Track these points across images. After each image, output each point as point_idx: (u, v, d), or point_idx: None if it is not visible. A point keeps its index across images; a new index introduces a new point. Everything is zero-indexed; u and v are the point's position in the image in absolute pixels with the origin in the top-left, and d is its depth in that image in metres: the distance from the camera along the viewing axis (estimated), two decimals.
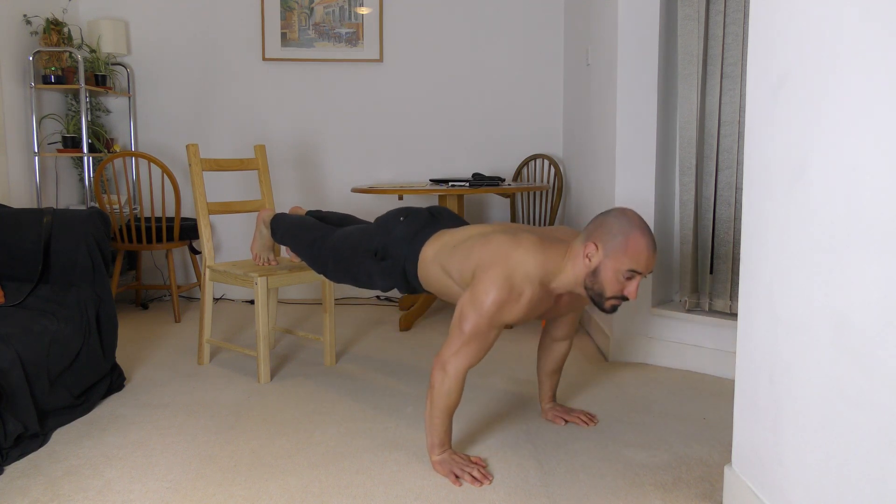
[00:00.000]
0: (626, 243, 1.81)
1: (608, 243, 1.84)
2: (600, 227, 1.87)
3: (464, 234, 2.12)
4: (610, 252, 1.83)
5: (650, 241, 1.83)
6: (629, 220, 1.84)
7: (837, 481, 1.30)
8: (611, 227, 1.84)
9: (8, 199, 3.59)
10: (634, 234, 1.82)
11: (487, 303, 1.87)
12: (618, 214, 1.87)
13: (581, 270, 1.89)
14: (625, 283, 1.84)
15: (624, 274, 1.83)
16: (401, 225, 2.24)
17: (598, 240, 1.85)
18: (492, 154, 4.47)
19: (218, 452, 2.12)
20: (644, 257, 1.82)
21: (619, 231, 1.83)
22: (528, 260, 1.89)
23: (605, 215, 1.89)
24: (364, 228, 2.38)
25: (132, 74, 4.29)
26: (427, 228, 2.22)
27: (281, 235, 2.69)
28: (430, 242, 2.17)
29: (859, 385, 1.22)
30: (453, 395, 1.93)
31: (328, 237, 2.46)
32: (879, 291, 1.16)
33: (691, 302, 2.93)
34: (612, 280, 1.84)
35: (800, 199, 1.41)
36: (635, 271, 1.83)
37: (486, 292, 1.87)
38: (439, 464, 1.97)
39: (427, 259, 2.15)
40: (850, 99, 1.23)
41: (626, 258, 1.82)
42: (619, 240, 1.82)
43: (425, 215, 2.28)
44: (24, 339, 2.16)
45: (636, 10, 2.92)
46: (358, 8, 4.31)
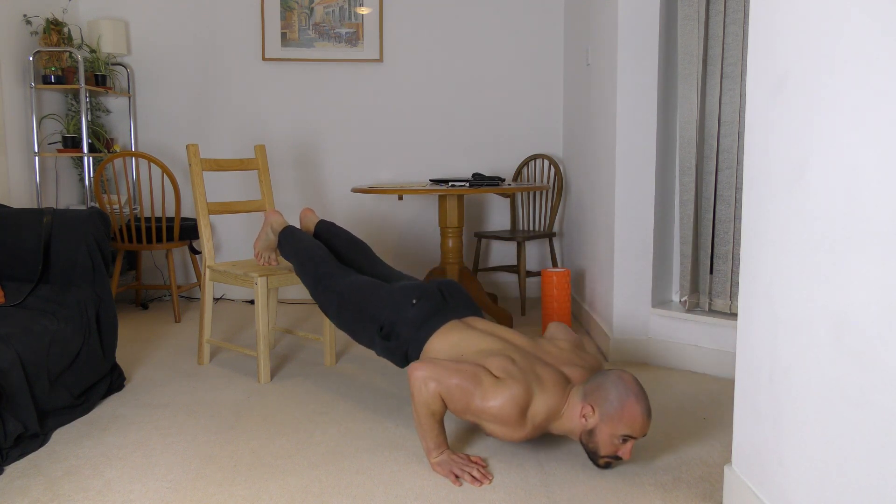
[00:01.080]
0: (622, 410, 1.87)
1: (604, 408, 1.89)
2: (598, 391, 1.92)
3: (474, 343, 2.13)
4: (605, 417, 1.89)
5: (645, 407, 1.89)
6: (626, 386, 1.90)
7: (837, 481, 1.30)
8: (608, 393, 1.90)
9: (8, 199, 3.59)
10: (630, 400, 1.88)
11: (491, 403, 1.91)
12: (615, 380, 1.92)
13: (577, 427, 1.96)
14: (619, 445, 1.90)
15: (619, 438, 1.89)
16: (412, 309, 2.25)
17: (595, 403, 1.91)
18: (492, 154, 4.47)
19: (218, 452, 2.12)
20: (638, 424, 1.88)
21: (616, 397, 1.89)
22: (542, 410, 1.95)
23: (604, 378, 1.94)
24: (375, 289, 2.37)
25: (132, 74, 4.29)
26: (437, 316, 2.24)
27: (287, 255, 2.69)
28: (437, 336, 2.19)
29: (859, 385, 1.22)
30: (432, 405, 1.96)
31: (337, 282, 2.45)
32: (879, 291, 1.16)
33: (691, 302, 2.93)
34: (607, 442, 1.90)
35: (800, 198, 1.41)
36: (629, 436, 1.89)
37: (495, 400, 1.91)
38: (439, 465, 1.97)
39: (432, 353, 2.18)
40: (850, 99, 1.23)
41: (621, 424, 1.88)
42: (615, 406, 1.88)
43: (437, 299, 2.29)
44: (24, 339, 2.16)
45: (636, 10, 2.92)
46: (358, 8, 4.31)
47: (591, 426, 1.91)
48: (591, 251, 3.56)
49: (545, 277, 3.38)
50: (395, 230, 4.50)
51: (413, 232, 4.51)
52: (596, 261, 3.44)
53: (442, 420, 1.99)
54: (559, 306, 3.36)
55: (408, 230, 4.51)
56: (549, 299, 3.38)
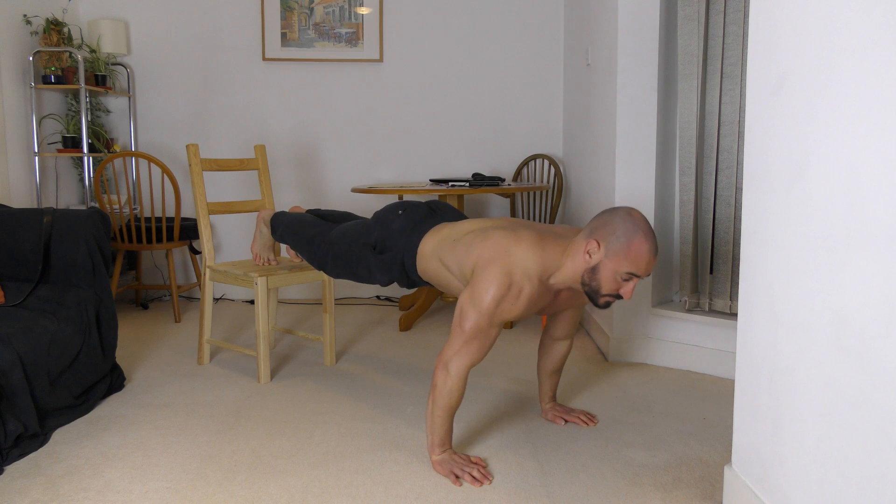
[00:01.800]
0: (629, 246, 1.81)
1: (610, 243, 1.84)
2: (604, 226, 1.86)
3: (463, 228, 2.12)
4: (611, 252, 1.83)
5: (652, 245, 1.83)
6: (634, 222, 1.84)
7: (837, 481, 1.30)
8: (615, 228, 1.84)
9: (8, 199, 3.59)
10: (638, 237, 1.82)
11: (487, 300, 1.87)
12: (623, 215, 1.86)
13: (580, 266, 1.89)
14: (622, 283, 1.85)
15: (622, 275, 1.84)
16: (399, 219, 2.24)
17: (601, 238, 1.85)
18: (492, 154, 4.47)
19: (218, 452, 2.12)
20: (644, 262, 1.82)
21: (623, 233, 1.83)
22: (528, 256, 1.90)
23: (611, 214, 1.88)
24: (363, 223, 2.38)
25: (132, 74, 4.29)
26: (426, 222, 2.22)
27: (281, 233, 2.69)
28: (428, 236, 2.17)
29: (859, 385, 1.22)
30: (455, 394, 1.93)
31: (327, 233, 2.46)
32: (879, 291, 1.16)
33: (691, 302, 2.93)
34: (610, 279, 1.85)
35: (800, 198, 1.41)
36: (634, 274, 1.83)
37: (485, 290, 1.87)
38: (439, 464, 1.97)
39: (426, 252, 2.15)
40: (850, 98, 1.23)
41: (626, 261, 1.82)
42: (621, 242, 1.82)
43: (424, 209, 2.28)
44: (24, 339, 2.16)
45: (636, 10, 2.92)
46: (358, 8, 4.31)
47: (595, 262, 1.85)
48: None
49: None
50: None
51: None
52: None
53: (453, 416, 1.98)
54: None
55: None
56: None
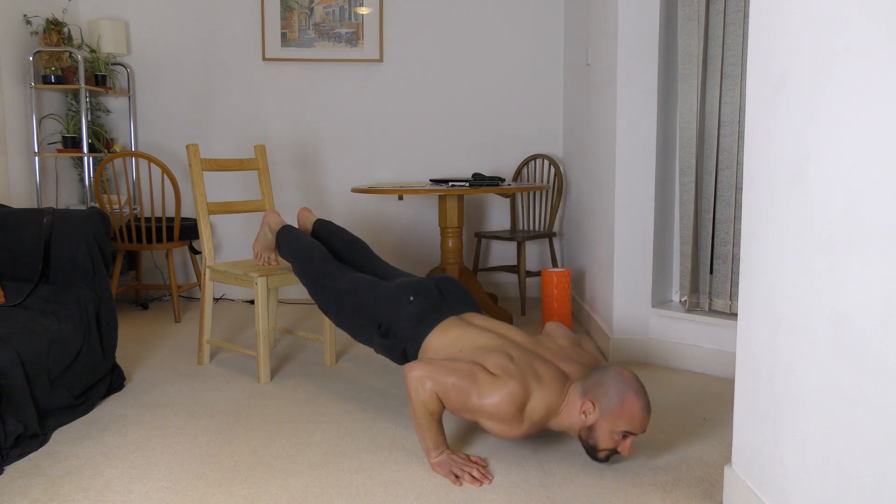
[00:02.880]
0: (622, 407, 1.87)
1: (604, 405, 1.89)
2: (597, 387, 1.92)
3: (471, 340, 2.12)
4: (605, 413, 1.89)
5: (645, 404, 1.89)
6: (626, 382, 1.90)
7: (837, 481, 1.30)
8: (608, 389, 1.90)
9: (8, 199, 3.59)
10: (630, 398, 1.88)
11: (489, 400, 1.90)
12: (615, 376, 1.92)
13: (577, 423, 1.95)
14: (619, 440, 1.90)
15: (618, 434, 1.89)
16: (409, 306, 2.25)
17: (595, 399, 1.91)
18: (492, 154, 4.47)
19: (218, 452, 2.12)
20: (638, 420, 1.88)
21: (616, 394, 1.88)
22: (541, 407, 1.94)
23: (603, 374, 1.94)
24: (372, 288, 2.37)
25: (132, 74, 4.29)
26: (435, 313, 2.24)
27: (285, 254, 2.68)
28: (435, 333, 2.19)
29: (859, 385, 1.22)
30: (430, 405, 1.95)
31: (334, 282, 2.45)
32: (879, 291, 1.16)
33: (691, 302, 2.93)
34: (607, 438, 1.91)
35: (800, 198, 1.41)
36: (629, 432, 1.89)
37: (491, 397, 1.90)
38: (439, 465, 1.97)
39: (429, 350, 2.18)
40: (850, 98, 1.23)
41: (621, 421, 1.88)
42: (614, 402, 1.88)
43: (434, 296, 2.28)
44: (24, 339, 2.16)
45: (636, 10, 2.92)
46: (358, 8, 4.31)
47: (591, 422, 1.91)
48: (591, 251, 3.56)
49: (545, 277, 3.38)
50: (395, 230, 4.50)
51: (413, 232, 4.51)
52: (596, 261, 3.44)
53: (440, 420, 1.99)
54: (559, 306, 3.36)
55: (408, 230, 4.51)
56: (549, 299, 3.38)
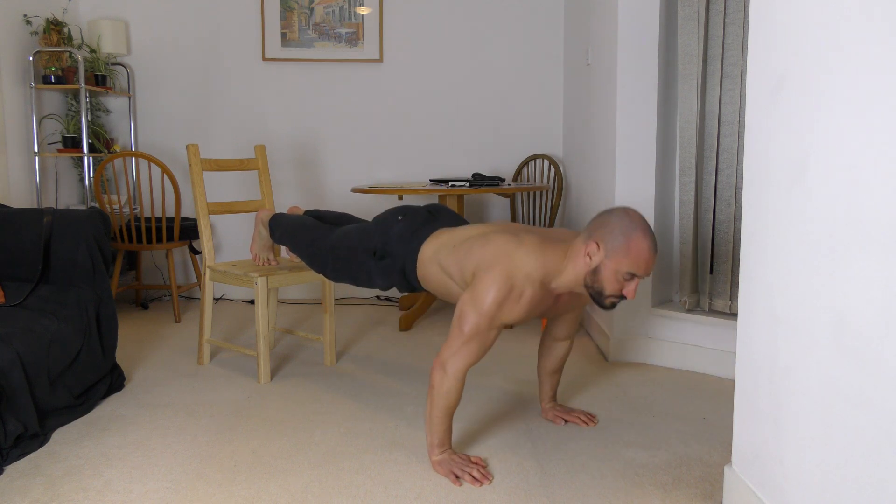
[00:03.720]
0: (628, 245, 1.82)
1: (609, 244, 1.84)
2: (603, 227, 1.87)
3: (463, 233, 2.12)
4: (611, 252, 1.84)
5: (651, 243, 1.83)
6: (632, 221, 1.84)
7: (837, 481, 1.30)
8: (613, 228, 1.85)
9: (8, 199, 3.59)
10: (636, 236, 1.82)
11: (488, 302, 1.87)
12: (621, 215, 1.86)
13: (581, 268, 1.89)
14: (624, 283, 1.85)
15: (623, 275, 1.84)
16: (399, 224, 2.24)
17: (600, 239, 1.86)
18: (492, 154, 4.47)
19: (218, 452, 2.12)
20: (644, 260, 1.82)
21: (622, 232, 1.83)
22: (530, 260, 1.90)
23: (609, 214, 1.89)
24: (362, 227, 2.38)
25: (132, 74, 4.29)
26: (426, 227, 2.22)
27: (279, 235, 2.69)
28: (428, 241, 2.17)
29: (859, 385, 1.22)
30: (452, 394, 1.93)
31: (327, 237, 2.46)
32: (879, 291, 1.16)
33: (691, 302, 2.93)
34: (612, 279, 1.85)
35: (800, 199, 1.41)
36: (634, 273, 1.84)
37: (486, 291, 1.87)
38: (439, 464, 1.97)
39: (426, 258, 2.15)
40: (850, 99, 1.23)
41: (626, 260, 1.82)
42: (620, 241, 1.82)
43: (424, 214, 2.28)
44: (24, 339, 2.16)
45: (636, 10, 2.92)
46: (358, 8, 4.31)
47: (596, 263, 1.86)
48: None
49: None
50: None
51: None
52: None
53: (452, 416, 1.98)
54: None
55: None
56: None
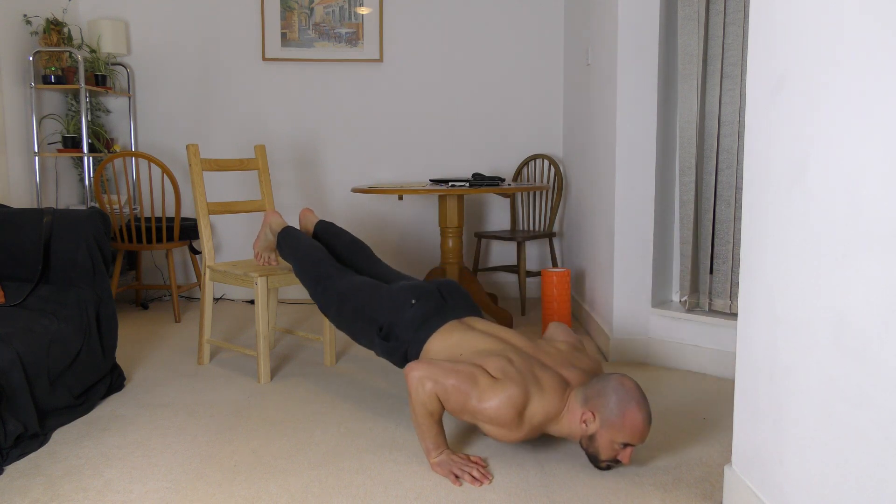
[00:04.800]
0: (623, 419, 1.87)
1: (605, 415, 1.88)
2: (598, 397, 1.91)
3: (472, 344, 2.12)
4: (606, 424, 1.88)
5: (646, 415, 1.88)
6: (627, 393, 1.89)
7: (837, 481, 1.30)
8: (608, 399, 1.89)
9: (8, 199, 3.59)
10: (631, 409, 1.87)
11: (488, 404, 1.90)
12: (616, 386, 1.91)
13: (577, 431, 1.95)
14: (619, 450, 1.90)
15: (618, 444, 1.89)
16: (411, 310, 2.25)
17: (596, 409, 1.90)
18: (492, 154, 4.47)
19: (218, 452, 2.12)
20: (639, 432, 1.88)
21: (616, 404, 1.88)
22: (539, 412, 1.93)
23: (605, 383, 1.93)
24: (373, 289, 2.37)
25: (132, 74, 4.29)
26: (436, 317, 2.24)
27: (286, 255, 2.68)
28: (437, 336, 2.19)
29: (859, 385, 1.22)
30: (429, 405, 1.95)
31: (335, 284, 2.45)
32: (879, 291, 1.16)
33: (691, 302, 2.93)
34: (607, 448, 1.90)
35: (800, 199, 1.41)
36: (629, 444, 1.89)
37: (490, 402, 1.90)
38: (438, 465, 1.97)
39: (431, 353, 2.18)
40: (850, 99, 1.23)
41: (621, 432, 1.87)
42: (615, 413, 1.87)
43: (436, 299, 2.28)
44: (25, 339, 2.16)
45: (636, 10, 2.92)
46: (358, 8, 4.31)
47: (592, 432, 1.90)
48: (591, 251, 3.56)
49: (545, 277, 3.38)
50: (395, 230, 4.50)
51: (413, 232, 4.51)
52: (596, 261, 3.44)
53: (440, 420, 1.99)
54: (559, 306, 3.36)
55: (408, 230, 4.51)
56: (549, 299, 3.38)
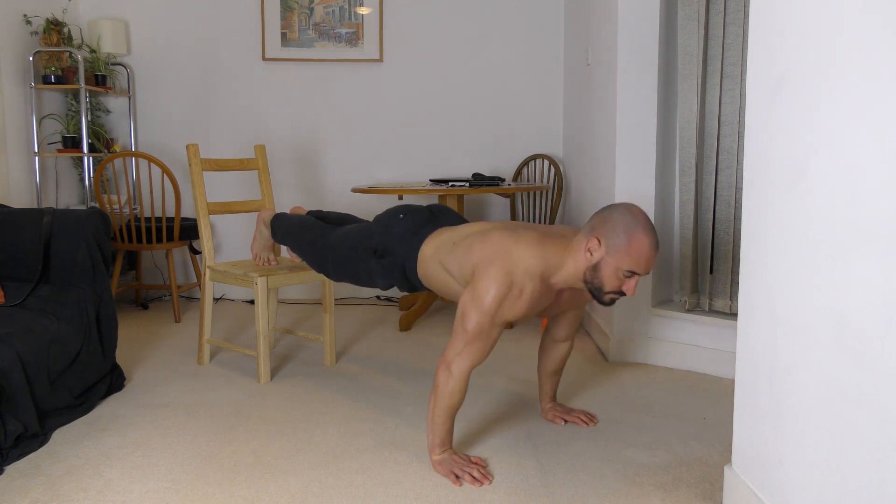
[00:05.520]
0: (629, 243, 1.81)
1: (611, 240, 1.83)
2: (604, 223, 1.86)
3: (463, 231, 2.12)
4: (612, 250, 1.83)
5: (653, 241, 1.82)
6: (634, 217, 1.83)
7: (837, 481, 1.30)
8: (615, 225, 1.83)
9: (8, 199, 3.59)
10: (638, 233, 1.81)
11: (489, 300, 1.87)
12: (623, 211, 1.85)
13: (581, 264, 1.88)
14: (624, 280, 1.85)
15: (624, 272, 1.83)
16: (400, 223, 2.24)
17: (601, 235, 1.85)
18: (492, 154, 4.47)
19: (218, 452, 2.12)
20: (645, 259, 1.81)
21: (623, 229, 1.82)
22: (529, 255, 1.89)
23: (611, 210, 1.88)
24: (363, 227, 2.38)
25: (132, 74, 4.29)
26: (427, 226, 2.22)
27: (281, 235, 2.69)
28: (429, 240, 2.17)
29: (859, 385, 1.22)
30: (457, 395, 1.93)
31: (328, 236, 2.46)
32: (879, 291, 1.16)
33: (691, 302, 2.93)
34: (612, 277, 1.85)
35: (800, 199, 1.41)
36: (635, 271, 1.83)
37: (486, 290, 1.87)
38: (439, 464, 1.97)
39: (426, 257, 2.15)
40: (850, 99, 1.23)
41: (627, 258, 1.81)
42: (622, 238, 1.81)
43: (425, 213, 2.28)
44: (25, 339, 2.16)
45: (636, 10, 2.92)
46: (358, 8, 4.31)
47: (597, 259, 1.84)
48: None
49: None
50: None
51: None
52: None
53: (454, 416, 1.98)
54: None
55: None
56: None
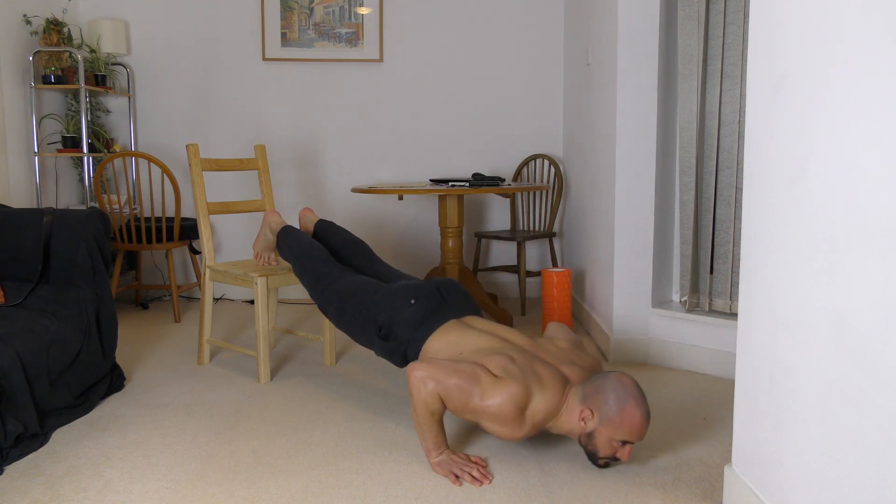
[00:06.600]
0: (621, 415, 1.87)
1: (603, 412, 1.89)
2: (597, 394, 1.92)
3: (471, 341, 2.13)
4: (605, 421, 1.89)
5: (644, 412, 1.89)
6: (626, 389, 1.89)
7: (837, 481, 1.30)
8: (607, 397, 1.89)
9: (8, 199, 3.59)
10: (629, 405, 1.87)
11: (490, 401, 1.90)
12: (615, 384, 1.91)
13: (576, 429, 1.95)
14: (618, 448, 1.90)
15: (617, 442, 1.89)
16: (410, 309, 2.25)
17: (594, 406, 1.91)
18: (492, 154, 4.47)
19: (218, 452, 2.12)
20: (637, 430, 1.88)
21: (615, 402, 1.88)
22: (541, 410, 1.94)
23: (604, 381, 1.93)
24: (372, 289, 2.37)
25: (132, 74, 4.29)
26: (435, 316, 2.24)
27: (285, 254, 2.68)
28: (436, 335, 2.19)
29: (859, 385, 1.22)
30: (431, 405, 1.95)
31: (335, 283, 2.45)
32: (879, 291, 1.16)
33: (691, 302, 2.93)
34: (606, 445, 1.91)
35: (800, 198, 1.41)
36: (628, 441, 1.89)
37: (496, 404, 1.90)
38: (439, 465, 1.97)
39: (430, 351, 2.18)
40: (850, 99, 1.23)
41: (620, 429, 1.88)
42: (614, 410, 1.88)
43: (435, 299, 2.28)
44: (24, 339, 2.16)
45: (636, 10, 2.92)
46: (358, 8, 4.31)
47: (591, 429, 1.91)
48: (591, 251, 3.56)
49: (545, 277, 3.38)
50: (395, 230, 4.50)
51: (413, 232, 4.51)
52: (596, 261, 3.44)
53: (441, 420, 1.99)
54: (559, 306, 3.36)
55: (408, 230, 4.51)
56: (549, 299, 3.38)
